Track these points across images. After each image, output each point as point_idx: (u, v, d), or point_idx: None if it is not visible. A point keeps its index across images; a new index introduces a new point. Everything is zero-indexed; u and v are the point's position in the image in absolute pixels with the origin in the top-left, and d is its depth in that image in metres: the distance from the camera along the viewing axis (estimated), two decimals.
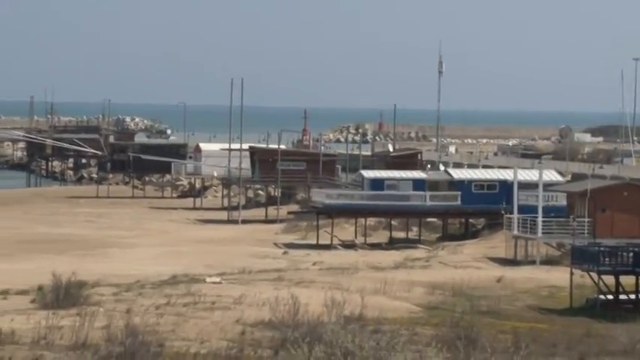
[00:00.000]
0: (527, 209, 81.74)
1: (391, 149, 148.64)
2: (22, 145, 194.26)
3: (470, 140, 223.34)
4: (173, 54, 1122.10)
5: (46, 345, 48.01)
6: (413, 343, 34.22)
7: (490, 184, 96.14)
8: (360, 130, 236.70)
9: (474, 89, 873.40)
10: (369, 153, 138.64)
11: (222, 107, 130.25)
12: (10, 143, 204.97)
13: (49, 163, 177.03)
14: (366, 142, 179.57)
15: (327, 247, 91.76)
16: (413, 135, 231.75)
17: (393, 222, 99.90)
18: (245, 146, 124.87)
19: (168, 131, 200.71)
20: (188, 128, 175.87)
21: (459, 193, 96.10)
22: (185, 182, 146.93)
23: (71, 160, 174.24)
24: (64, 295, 57.25)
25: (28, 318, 53.12)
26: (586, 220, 78.47)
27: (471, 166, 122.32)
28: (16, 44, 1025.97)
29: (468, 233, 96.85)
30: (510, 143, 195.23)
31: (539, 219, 78.88)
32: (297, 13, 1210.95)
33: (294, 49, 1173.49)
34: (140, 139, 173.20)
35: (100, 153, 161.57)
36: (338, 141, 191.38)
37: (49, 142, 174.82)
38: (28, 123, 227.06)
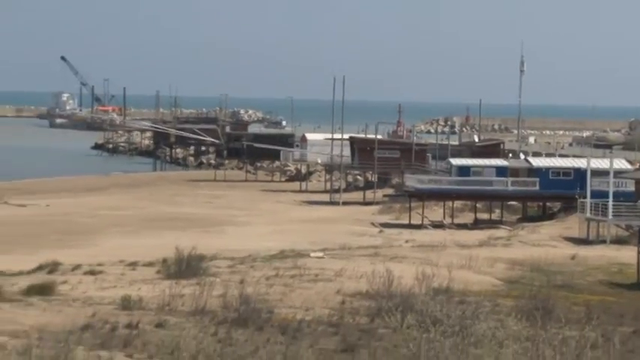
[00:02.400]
0: (598, 194, 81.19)
1: (476, 139, 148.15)
2: (149, 134, 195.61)
3: (548, 132, 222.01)
4: (281, 53, 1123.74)
5: (170, 311, 48.43)
6: (495, 313, 34.08)
7: (565, 172, 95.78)
8: (449, 123, 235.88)
9: (552, 85, 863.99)
10: (456, 143, 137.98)
11: (325, 101, 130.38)
12: (139, 132, 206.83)
13: (173, 151, 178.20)
14: (454, 133, 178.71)
15: (418, 226, 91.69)
16: (496, 127, 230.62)
17: (477, 205, 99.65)
18: (346, 136, 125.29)
19: (284, 122, 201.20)
20: (295, 120, 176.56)
21: (538, 179, 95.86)
22: (292, 168, 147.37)
23: (192, 147, 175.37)
24: (186, 266, 57.71)
25: (154, 287, 53.62)
26: None
27: (548, 155, 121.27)
28: (144, 45, 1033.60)
29: (545, 215, 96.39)
30: (584, 135, 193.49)
31: (610, 203, 78.31)
32: (395, 15, 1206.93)
33: (391, 48, 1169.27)
34: (253, 129, 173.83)
35: (217, 141, 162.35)
36: (428, 132, 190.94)
37: (172, 131, 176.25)
38: (154, 115, 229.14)
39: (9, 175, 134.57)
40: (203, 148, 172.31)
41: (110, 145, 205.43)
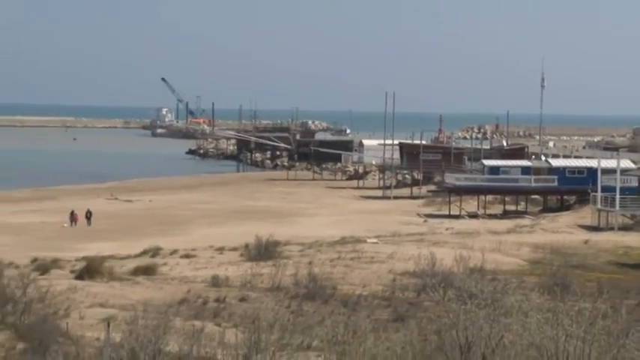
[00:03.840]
0: (607, 189, 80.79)
1: (505, 144, 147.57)
2: (233, 141, 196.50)
3: (564, 137, 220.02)
4: (341, 72, 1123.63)
5: (251, 287, 48.66)
6: (521, 289, 33.78)
7: (580, 170, 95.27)
8: (482, 130, 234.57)
9: (568, 97, 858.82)
10: (488, 147, 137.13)
11: (378, 113, 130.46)
12: (225, 140, 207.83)
13: (253, 155, 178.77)
14: (486, 138, 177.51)
15: (457, 216, 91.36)
16: (521, 133, 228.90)
17: (505, 198, 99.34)
18: (396, 142, 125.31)
19: (347, 130, 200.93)
20: (353, 128, 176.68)
21: (556, 176, 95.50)
22: (351, 168, 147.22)
23: (269, 152, 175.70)
24: (264, 251, 57.93)
25: (237, 268, 53.89)
26: None
27: (565, 156, 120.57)
28: (229, 67, 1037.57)
29: (563, 207, 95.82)
30: (595, 139, 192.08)
31: (617, 196, 78.10)
32: (436, 39, 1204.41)
33: (433, 66, 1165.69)
34: (319, 136, 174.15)
35: (289, 147, 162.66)
36: (464, 138, 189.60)
37: (252, 139, 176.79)
38: (237, 125, 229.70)
39: (119, 176, 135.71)
40: (278, 153, 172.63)
41: (201, 151, 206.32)
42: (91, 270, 50.90)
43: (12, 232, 74.80)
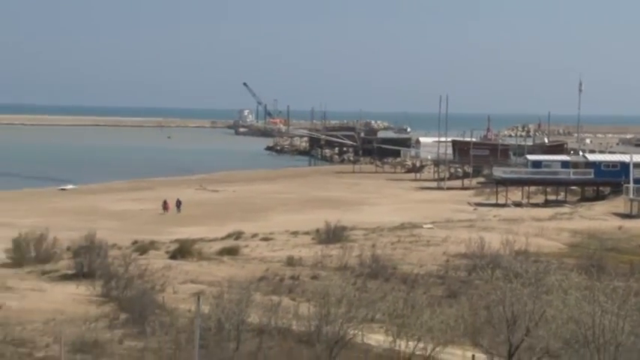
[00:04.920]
0: (639, 181, 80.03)
1: (546, 141, 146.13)
2: (305, 139, 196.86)
3: (600, 135, 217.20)
4: (400, 78, 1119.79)
5: (321, 267, 48.68)
6: (561, 269, 33.53)
7: (614, 164, 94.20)
8: (525, 129, 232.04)
9: (602, 98, 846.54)
10: (531, 144, 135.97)
11: (433, 114, 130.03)
12: (298, 138, 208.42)
13: (323, 151, 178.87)
14: (529, 136, 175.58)
15: (503, 205, 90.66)
16: (561, 131, 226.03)
17: (547, 189, 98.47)
18: (449, 139, 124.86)
19: (408, 129, 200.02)
20: (411, 128, 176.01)
21: (592, 170, 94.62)
22: (409, 163, 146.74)
23: (336, 148, 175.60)
24: (333, 234, 57.95)
25: (309, 249, 53.97)
26: None
27: (600, 152, 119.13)
28: (302, 72, 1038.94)
29: (599, 197, 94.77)
30: (628, 137, 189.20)
31: None
32: (484, 47, 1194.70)
33: (483, 70, 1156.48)
34: (381, 134, 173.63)
35: (355, 144, 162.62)
36: (510, 136, 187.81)
37: (322, 137, 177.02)
38: (309, 125, 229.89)
39: (207, 169, 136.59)
40: (344, 149, 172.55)
41: (278, 147, 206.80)
42: (183, 251, 51.33)
43: (115, 218, 75.68)
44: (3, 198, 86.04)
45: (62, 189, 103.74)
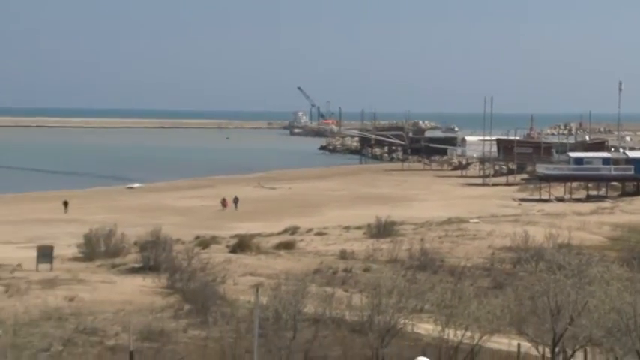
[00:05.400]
0: None
1: (587, 139, 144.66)
2: (356, 139, 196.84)
3: (639, 132, 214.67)
4: (448, 78, 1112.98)
5: (373, 259, 48.62)
6: (602, 261, 33.10)
7: None
8: (567, 127, 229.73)
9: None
10: (572, 142, 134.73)
11: (475, 114, 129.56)
12: (350, 138, 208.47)
13: (373, 150, 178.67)
14: (571, 134, 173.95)
15: (546, 200, 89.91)
16: (601, 130, 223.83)
17: (588, 185, 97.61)
18: (493, 138, 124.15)
19: (456, 129, 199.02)
20: (459, 127, 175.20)
21: (632, 166, 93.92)
22: (456, 161, 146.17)
23: (386, 147, 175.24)
24: (383, 229, 57.85)
25: (361, 243, 53.91)
26: None
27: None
28: (355, 75, 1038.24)
29: (639, 192, 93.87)
30: None
31: None
32: (526, 53, 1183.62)
33: (526, 72, 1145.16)
34: (428, 134, 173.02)
35: (403, 143, 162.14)
36: (552, 134, 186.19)
37: (372, 136, 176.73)
38: (360, 125, 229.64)
39: (263, 168, 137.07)
40: (393, 148, 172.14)
41: (330, 147, 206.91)
42: (242, 245, 51.54)
43: (178, 214, 76.24)
44: (75, 196, 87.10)
45: (129, 187, 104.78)
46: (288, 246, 52.56)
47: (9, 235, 61.04)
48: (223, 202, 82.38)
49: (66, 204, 78.74)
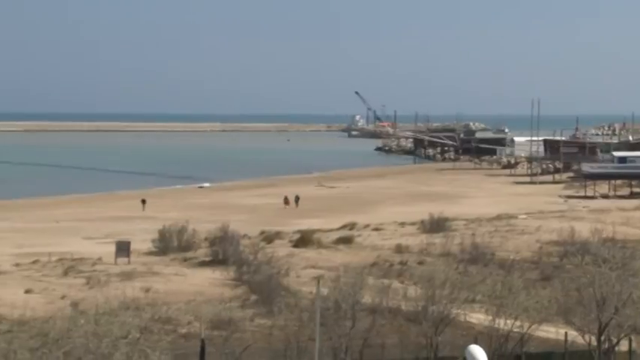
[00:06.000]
0: None
1: (630, 139, 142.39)
2: (410, 140, 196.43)
3: None
4: (498, 80, 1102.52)
5: (426, 253, 48.43)
6: None
7: None
8: (611, 128, 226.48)
9: None
10: (616, 141, 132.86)
11: (521, 116, 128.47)
12: (404, 139, 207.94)
13: (426, 150, 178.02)
14: (615, 134, 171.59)
15: (591, 197, 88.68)
16: None
17: (632, 182, 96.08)
18: (540, 138, 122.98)
19: (506, 130, 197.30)
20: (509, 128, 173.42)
21: None
22: (505, 160, 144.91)
23: (438, 148, 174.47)
24: (436, 225, 57.56)
25: (415, 238, 53.70)
26: None
27: None
28: (407, 79, 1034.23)
29: None
30: None
31: None
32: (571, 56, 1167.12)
33: (572, 74, 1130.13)
34: (479, 134, 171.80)
35: (455, 143, 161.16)
36: (597, 134, 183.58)
37: (425, 138, 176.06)
38: (413, 127, 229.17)
39: (323, 168, 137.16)
40: (445, 148, 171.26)
41: (386, 148, 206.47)
42: (304, 240, 51.67)
43: (245, 212, 76.67)
44: (149, 195, 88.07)
45: (200, 187, 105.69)
46: (346, 241, 52.57)
47: (90, 231, 62.01)
48: (285, 200, 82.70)
49: (144, 202, 79.71)
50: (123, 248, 45.19)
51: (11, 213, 75.88)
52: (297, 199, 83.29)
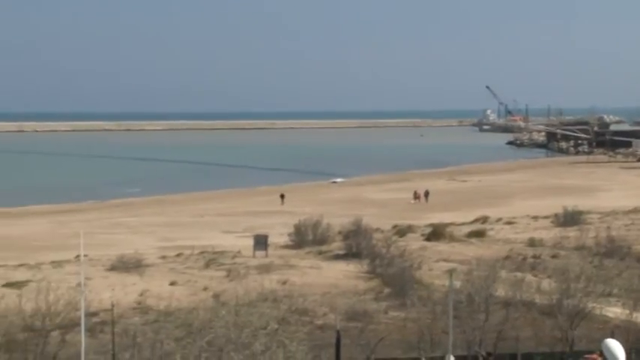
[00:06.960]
0: None
1: None
2: (543, 133, 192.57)
3: None
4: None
5: (560, 247, 47.33)
6: None
7: None
8: None
9: None
10: None
11: None
12: (536, 133, 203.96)
13: (559, 144, 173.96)
14: None
15: None
16: None
17: None
18: None
19: None
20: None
21: None
22: None
23: (571, 141, 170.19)
24: (570, 218, 56.25)
25: (548, 232, 52.59)
26: None
27: None
28: (541, 72, 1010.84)
29: None
30: None
31: None
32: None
33: None
34: (613, 127, 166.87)
35: (588, 137, 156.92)
36: None
37: (558, 131, 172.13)
38: (546, 121, 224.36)
39: (455, 162, 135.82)
40: (579, 142, 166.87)
41: (518, 142, 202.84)
42: (436, 233, 51.34)
43: (377, 206, 76.75)
44: (284, 190, 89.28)
45: (333, 182, 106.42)
46: (479, 234, 51.94)
47: (229, 225, 63.37)
48: (415, 195, 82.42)
49: (282, 196, 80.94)
50: (260, 242, 45.96)
51: (165, 207, 78.58)
52: (426, 193, 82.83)
